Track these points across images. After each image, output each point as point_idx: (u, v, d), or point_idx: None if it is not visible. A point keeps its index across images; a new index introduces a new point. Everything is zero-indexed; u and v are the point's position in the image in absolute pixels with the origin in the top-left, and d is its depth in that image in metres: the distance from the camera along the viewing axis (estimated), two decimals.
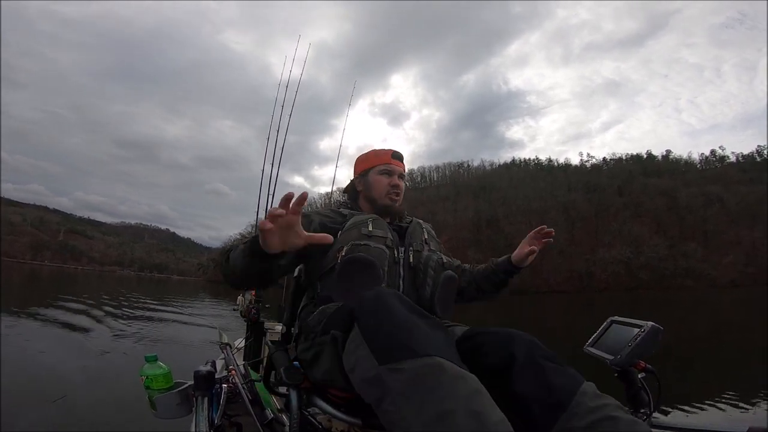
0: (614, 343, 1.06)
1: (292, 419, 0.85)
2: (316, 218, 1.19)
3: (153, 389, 0.98)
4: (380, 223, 1.21)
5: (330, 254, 1.14)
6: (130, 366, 3.56)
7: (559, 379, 0.77)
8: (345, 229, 1.18)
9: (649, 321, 1.03)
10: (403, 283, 1.15)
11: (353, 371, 0.75)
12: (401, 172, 1.39)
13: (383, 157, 1.39)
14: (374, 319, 0.75)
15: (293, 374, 0.91)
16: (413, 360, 0.66)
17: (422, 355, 0.67)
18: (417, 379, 0.65)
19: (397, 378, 0.66)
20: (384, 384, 0.67)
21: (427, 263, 1.19)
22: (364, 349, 0.73)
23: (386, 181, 1.35)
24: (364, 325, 0.76)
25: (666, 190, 74.00)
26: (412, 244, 1.22)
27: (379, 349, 0.71)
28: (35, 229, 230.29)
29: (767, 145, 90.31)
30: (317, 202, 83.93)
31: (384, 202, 1.34)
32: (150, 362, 1.01)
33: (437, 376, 0.64)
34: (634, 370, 1.00)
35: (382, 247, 1.13)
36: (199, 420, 0.91)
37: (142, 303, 13.46)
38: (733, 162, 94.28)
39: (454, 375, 0.65)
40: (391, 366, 0.67)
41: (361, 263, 1.08)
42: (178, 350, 5.86)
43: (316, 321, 0.99)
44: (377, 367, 0.69)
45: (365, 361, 0.72)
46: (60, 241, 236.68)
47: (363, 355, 0.72)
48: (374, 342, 0.72)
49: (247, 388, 1.01)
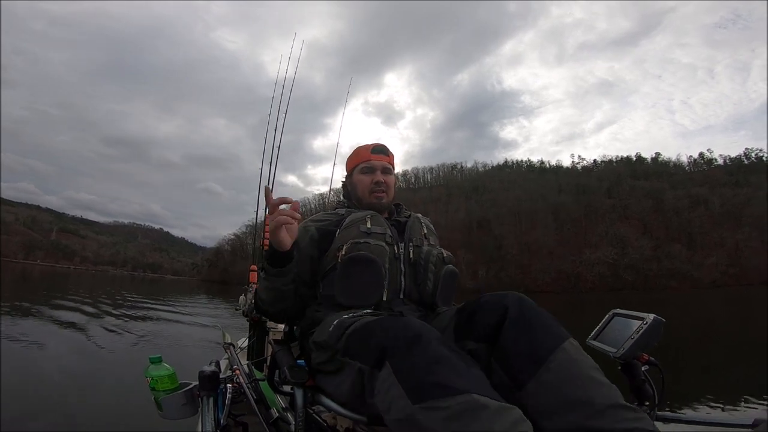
0: (617, 336, 1.05)
1: (297, 417, 0.85)
2: (312, 227, 1.22)
3: (158, 390, 0.99)
4: (378, 219, 1.21)
5: (330, 253, 1.16)
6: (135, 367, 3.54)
7: (543, 334, 0.80)
8: (343, 227, 1.19)
9: (650, 313, 1.03)
10: (404, 279, 1.15)
11: (388, 412, 0.73)
12: (384, 165, 1.35)
13: (363, 154, 1.37)
14: (408, 358, 0.72)
15: (297, 373, 0.92)
16: (451, 398, 0.64)
17: (461, 392, 0.65)
18: (455, 416, 0.63)
19: (434, 417, 0.64)
20: (419, 424, 0.65)
21: (428, 258, 1.18)
22: (397, 390, 0.70)
23: (367, 179, 1.33)
24: (398, 364, 0.73)
25: (653, 193, 75.13)
26: (412, 239, 1.22)
27: (413, 389, 0.68)
28: (27, 229, 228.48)
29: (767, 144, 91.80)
30: (311, 203, 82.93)
31: (369, 200, 1.32)
32: (155, 363, 1.02)
33: (477, 412, 0.63)
34: (638, 363, 1.00)
35: (382, 244, 1.13)
36: (205, 420, 0.92)
37: (139, 303, 13.44)
38: (720, 165, 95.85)
39: (495, 409, 0.63)
40: (425, 405, 0.65)
41: (363, 261, 1.09)
42: (181, 351, 5.88)
43: (335, 337, 0.94)
44: (411, 407, 0.67)
45: (399, 401, 0.69)
46: (53, 241, 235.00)
47: (396, 396, 0.70)
48: (408, 381, 0.69)
49: (251, 387, 1.01)
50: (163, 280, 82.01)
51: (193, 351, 5.86)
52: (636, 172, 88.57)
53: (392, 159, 1.40)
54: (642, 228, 69.56)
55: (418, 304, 1.16)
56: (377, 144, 1.38)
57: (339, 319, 0.98)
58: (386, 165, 1.36)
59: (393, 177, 1.37)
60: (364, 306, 1.06)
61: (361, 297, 1.08)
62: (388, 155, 1.38)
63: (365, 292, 1.09)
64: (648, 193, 75.24)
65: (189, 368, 1.13)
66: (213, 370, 0.99)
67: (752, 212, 64.00)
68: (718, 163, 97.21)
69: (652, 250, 64.25)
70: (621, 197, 75.68)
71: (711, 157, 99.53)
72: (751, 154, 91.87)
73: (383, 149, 1.37)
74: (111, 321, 8.10)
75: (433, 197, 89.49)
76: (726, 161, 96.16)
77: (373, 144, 1.38)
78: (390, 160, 1.38)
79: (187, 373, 1.08)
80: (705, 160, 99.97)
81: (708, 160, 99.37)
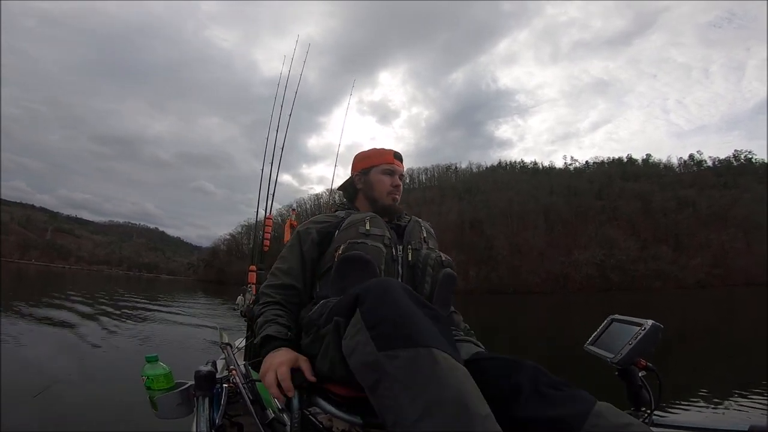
0: (614, 342, 1.05)
1: (293, 419, 0.85)
2: (313, 229, 1.24)
3: (154, 389, 0.98)
4: (377, 221, 1.22)
5: (328, 254, 1.18)
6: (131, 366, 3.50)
7: (569, 405, 0.75)
8: (342, 228, 1.20)
9: (648, 319, 1.01)
10: (401, 281, 1.16)
11: (352, 355, 0.76)
12: (402, 172, 1.41)
13: (386, 156, 1.41)
14: (377, 306, 0.76)
15: (297, 375, 0.92)
16: (411, 349, 0.68)
17: (420, 345, 0.68)
18: (413, 367, 0.66)
19: (395, 365, 0.68)
20: (381, 369, 0.69)
21: (426, 261, 1.19)
22: (364, 334, 0.73)
23: (388, 181, 1.37)
24: (366, 311, 0.76)
25: (642, 194, 76.05)
26: (411, 242, 1.23)
27: (379, 336, 0.71)
28: (22, 228, 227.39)
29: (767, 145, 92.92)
30: (307, 203, 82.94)
31: (386, 201, 1.36)
32: (151, 362, 1.01)
33: (432, 365, 0.66)
34: (635, 369, 0.99)
35: (380, 246, 1.14)
36: (200, 420, 0.92)
37: (136, 302, 13.43)
38: (710, 166, 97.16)
39: (448, 366, 0.67)
40: (389, 353, 0.69)
41: (358, 261, 1.09)
42: (178, 350, 5.85)
43: (318, 314, 1.00)
44: (376, 353, 0.70)
45: (364, 346, 0.72)
46: (48, 240, 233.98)
47: (362, 340, 0.73)
48: (375, 329, 0.73)
49: (248, 388, 1.00)
50: (159, 280, 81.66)
51: (190, 351, 5.88)
52: (626, 173, 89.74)
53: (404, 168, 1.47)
54: (630, 229, 70.42)
55: None
56: (398, 152, 1.43)
57: (324, 301, 1.04)
58: (403, 173, 1.43)
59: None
60: None
61: None
62: (402, 164, 1.45)
63: None
64: (637, 195, 76.14)
65: (185, 368, 1.14)
66: (209, 370, 0.98)
67: (738, 214, 65.18)
68: (707, 164, 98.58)
69: (639, 251, 65.17)
70: (611, 199, 76.55)
71: (701, 158, 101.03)
72: (740, 156, 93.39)
73: (402, 158, 1.44)
74: (108, 320, 8.10)
75: (427, 198, 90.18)
76: (715, 163, 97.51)
77: (394, 150, 1.43)
78: (404, 168, 1.45)
79: (184, 372, 1.08)
80: (695, 162, 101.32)
81: (698, 162, 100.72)
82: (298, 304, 1.19)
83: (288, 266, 1.22)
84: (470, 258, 63.43)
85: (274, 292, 1.19)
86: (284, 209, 40.18)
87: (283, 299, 1.18)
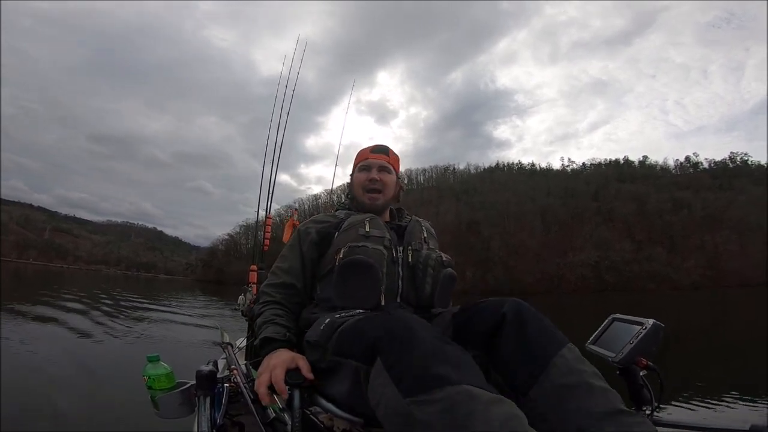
0: (615, 341, 1.05)
1: (294, 418, 0.85)
2: (313, 229, 1.24)
3: (155, 389, 0.98)
4: (377, 222, 1.20)
5: (328, 255, 1.17)
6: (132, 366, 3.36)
7: (542, 340, 0.81)
8: (342, 230, 1.19)
9: (650, 318, 1.01)
10: (402, 282, 1.15)
11: (378, 407, 0.73)
12: (381, 163, 1.34)
13: (363, 153, 1.37)
14: (398, 351, 0.72)
15: (294, 373, 0.91)
16: (441, 390, 0.64)
17: (453, 384, 0.64)
18: (448, 409, 0.62)
19: (426, 410, 0.63)
20: (411, 417, 0.65)
21: (427, 262, 1.18)
22: (388, 384, 0.70)
23: (363, 176, 1.32)
24: (387, 358, 0.73)
25: (637, 196, 76.27)
26: (411, 242, 1.21)
27: (404, 382, 0.67)
28: (21, 228, 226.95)
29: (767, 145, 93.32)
30: (305, 204, 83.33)
31: (363, 200, 1.32)
32: (152, 362, 1.01)
33: (469, 403, 0.61)
34: (636, 368, 0.99)
35: (380, 248, 1.13)
36: (201, 420, 0.92)
37: (136, 302, 13.35)
38: (706, 168, 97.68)
39: (488, 401, 0.62)
40: (418, 398, 0.65)
41: (360, 266, 1.08)
42: (179, 350, 5.81)
43: (325, 335, 0.95)
44: (402, 401, 0.66)
45: (390, 395, 0.69)
46: (46, 240, 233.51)
47: (387, 390, 0.70)
48: (398, 375, 0.69)
49: (249, 387, 0.98)
50: (157, 280, 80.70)
51: (191, 350, 5.86)
52: (623, 175, 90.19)
53: (394, 159, 1.39)
54: (626, 231, 70.71)
55: (415, 307, 1.17)
56: (379, 144, 1.40)
57: (330, 319, 0.99)
58: (383, 163, 1.35)
59: (392, 177, 1.36)
60: (360, 309, 1.06)
61: (358, 301, 1.08)
62: (389, 155, 1.38)
63: (362, 297, 1.09)
64: (633, 197, 76.37)
65: (186, 367, 1.14)
66: (210, 369, 0.98)
67: (733, 215, 65.51)
68: (703, 166, 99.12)
69: (634, 252, 65.45)
70: (607, 200, 76.86)
71: (697, 160, 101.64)
72: (736, 158, 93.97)
73: (383, 149, 1.38)
74: (108, 320, 8.05)
75: (425, 199, 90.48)
76: (711, 165, 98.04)
77: (375, 144, 1.39)
78: (390, 159, 1.37)
79: (185, 372, 1.07)
80: (691, 164, 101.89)
81: (694, 164, 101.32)
82: (298, 303, 1.21)
83: (288, 265, 1.24)
84: (468, 259, 63.71)
85: (274, 291, 1.20)
86: (282, 209, 40.02)
87: (284, 298, 1.19)
